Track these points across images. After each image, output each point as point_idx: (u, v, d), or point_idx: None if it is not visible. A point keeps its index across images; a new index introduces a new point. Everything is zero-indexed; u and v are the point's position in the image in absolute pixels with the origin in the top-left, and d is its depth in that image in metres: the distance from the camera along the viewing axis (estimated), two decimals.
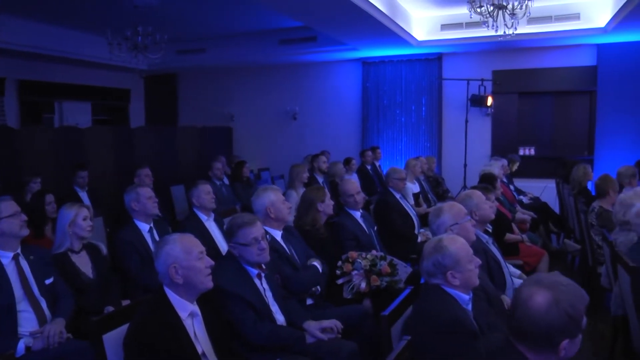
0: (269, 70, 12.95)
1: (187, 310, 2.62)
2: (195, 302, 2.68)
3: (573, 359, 1.97)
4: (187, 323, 2.60)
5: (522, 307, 1.87)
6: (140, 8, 8.35)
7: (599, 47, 10.54)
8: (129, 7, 8.33)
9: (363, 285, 3.97)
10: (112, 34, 8.59)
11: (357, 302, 3.98)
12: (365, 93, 12.20)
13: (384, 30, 8.97)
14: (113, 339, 2.60)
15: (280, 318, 3.26)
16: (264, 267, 3.28)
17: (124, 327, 2.61)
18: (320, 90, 12.70)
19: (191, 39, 11.64)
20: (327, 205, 4.54)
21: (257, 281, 3.22)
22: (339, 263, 4.09)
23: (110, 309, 3.52)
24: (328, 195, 4.61)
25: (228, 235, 3.27)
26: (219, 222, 4.99)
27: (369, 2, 7.77)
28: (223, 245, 4.63)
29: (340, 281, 4.07)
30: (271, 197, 3.98)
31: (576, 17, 9.51)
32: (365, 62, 12.13)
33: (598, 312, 5.39)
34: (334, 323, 3.28)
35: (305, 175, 6.98)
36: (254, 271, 3.22)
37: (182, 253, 2.61)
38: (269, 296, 3.25)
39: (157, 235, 4.35)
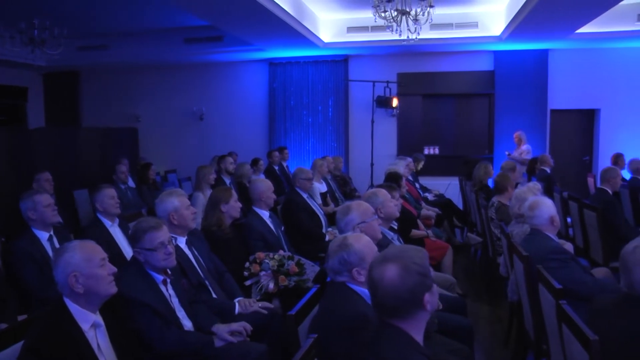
0: (175, 70, 12.71)
1: (89, 321, 2.51)
2: (98, 312, 2.58)
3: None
4: (90, 335, 2.49)
5: (380, 288, 2.00)
6: None
7: (496, 53, 11.30)
8: None
9: (271, 285, 3.98)
10: (4, 26, 8.01)
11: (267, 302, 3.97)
12: (272, 94, 12.24)
13: (290, 31, 9.03)
14: (7, 358, 2.42)
15: (187, 324, 3.21)
16: (169, 272, 3.21)
17: (19, 345, 2.42)
18: (227, 91, 12.61)
19: (93, 35, 11.14)
20: (231, 207, 4.49)
21: (162, 287, 3.16)
22: (247, 264, 4.07)
23: (4, 326, 3.28)
24: (234, 197, 4.55)
25: (133, 240, 3.18)
26: (124, 227, 4.81)
27: (275, 3, 7.79)
28: (128, 251, 4.47)
29: (248, 282, 4.06)
30: (175, 202, 3.85)
31: (475, 25, 10.16)
32: (272, 63, 12.17)
33: (497, 298, 5.72)
34: (242, 325, 3.27)
35: (212, 176, 6.89)
36: (159, 277, 3.15)
37: (83, 261, 2.50)
38: (175, 302, 3.19)
39: (58, 244, 4.12)
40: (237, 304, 3.65)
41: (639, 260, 2.41)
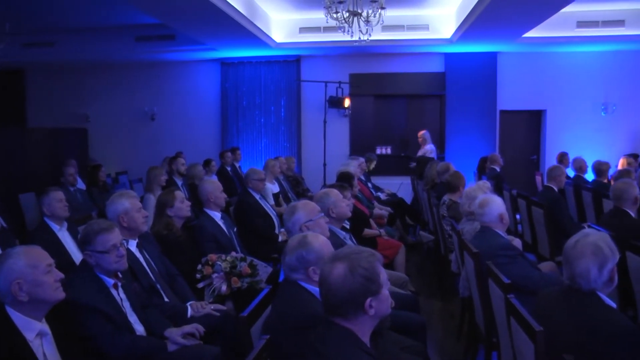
0: (126, 68, 12.46)
1: (35, 330, 2.42)
2: (44, 320, 2.49)
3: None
4: (35, 344, 2.40)
5: (325, 284, 2.05)
6: None
7: (446, 55, 11.55)
8: None
9: (224, 287, 3.95)
10: None
11: (220, 305, 3.93)
12: (224, 94, 12.17)
13: (242, 31, 8.99)
14: None
15: (139, 328, 3.16)
16: (120, 276, 3.15)
17: None
18: (179, 90, 12.46)
19: (39, 31, 10.77)
20: (177, 209, 4.44)
21: (113, 291, 3.09)
22: (199, 266, 4.03)
23: None
24: (179, 198, 4.49)
25: (83, 243, 3.10)
26: (72, 231, 4.70)
27: (227, 2, 7.74)
28: (77, 256, 4.36)
29: (200, 285, 4.01)
30: (125, 204, 3.77)
31: (425, 27, 10.37)
32: (224, 63, 12.09)
33: (449, 294, 5.83)
34: (195, 328, 3.24)
35: (163, 177, 6.79)
36: (109, 281, 3.09)
37: (27, 267, 2.41)
38: (126, 306, 3.13)
39: (2, 250, 3.98)
40: (189, 307, 3.60)
41: (580, 254, 2.51)
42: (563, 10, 8.34)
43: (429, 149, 10.36)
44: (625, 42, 10.49)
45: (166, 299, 3.69)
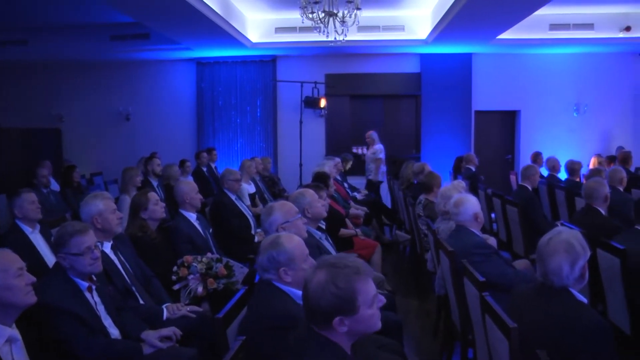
0: (101, 68, 12.30)
1: (4, 336, 2.37)
2: (14, 326, 2.44)
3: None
4: (4, 351, 2.35)
5: (305, 289, 2.00)
6: None
7: (422, 56, 11.65)
8: None
9: (200, 289, 3.92)
10: None
11: (196, 306, 3.91)
12: (200, 94, 12.10)
13: (218, 30, 8.94)
14: None
15: (114, 332, 3.12)
16: (94, 278, 3.11)
17: None
18: (154, 90, 12.34)
19: (12, 29, 10.56)
20: (151, 212, 4.41)
21: (87, 294, 3.05)
22: (175, 268, 3.99)
23: None
24: (153, 200, 4.45)
25: (57, 245, 3.05)
26: (45, 233, 4.62)
27: (202, 1, 7.69)
28: (50, 259, 4.29)
29: (176, 287, 3.97)
30: (99, 206, 3.72)
31: (401, 28, 10.44)
32: (200, 63, 12.02)
33: (425, 293, 5.88)
34: (172, 330, 3.21)
35: (139, 178, 6.72)
36: (84, 284, 3.04)
37: None
38: (101, 309, 3.09)
39: None
40: (165, 309, 3.57)
41: (553, 252, 2.55)
42: (536, 12, 8.51)
43: (378, 148, 10.34)
44: (595, 44, 10.78)
45: (141, 301, 3.65)
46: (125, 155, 11.40)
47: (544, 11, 8.80)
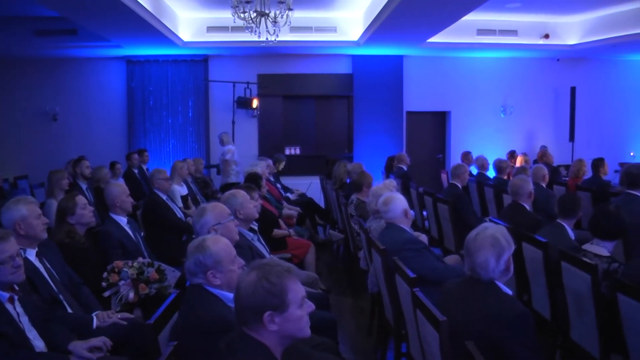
0: (25, 65, 11.74)
1: None
2: None
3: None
4: None
5: (237, 290, 2.03)
6: None
7: (354, 57, 11.84)
8: None
9: (131, 295, 3.80)
10: None
11: (127, 313, 3.79)
12: (130, 93, 11.80)
13: (148, 28, 8.74)
14: None
15: (39, 344, 2.96)
16: (17, 288, 2.95)
17: None
18: (82, 89, 11.91)
19: None
20: (79, 216, 4.23)
21: (9, 306, 2.87)
22: (105, 274, 3.86)
23: None
24: (80, 204, 4.26)
25: None
26: None
27: None
28: None
29: (107, 293, 3.84)
30: (22, 211, 3.50)
31: (333, 29, 10.56)
32: (130, 61, 11.72)
33: (359, 291, 5.95)
34: (102, 340, 3.09)
35: (66, 182, 6.47)
36: (4, 295, 2.87)
37: None
38: (24, 321, 2.92)
39: None
40: (95, 318, 3.44)
41: (480, 246, 2.64)
42: (464, 18, 8.84)
43: (226, 149, 10.19)
44: (519, 49, 11.34)
45: (70, 310, 3.50)
46: (53, 158, 10.87)
47: (472, 17, 9.14)
